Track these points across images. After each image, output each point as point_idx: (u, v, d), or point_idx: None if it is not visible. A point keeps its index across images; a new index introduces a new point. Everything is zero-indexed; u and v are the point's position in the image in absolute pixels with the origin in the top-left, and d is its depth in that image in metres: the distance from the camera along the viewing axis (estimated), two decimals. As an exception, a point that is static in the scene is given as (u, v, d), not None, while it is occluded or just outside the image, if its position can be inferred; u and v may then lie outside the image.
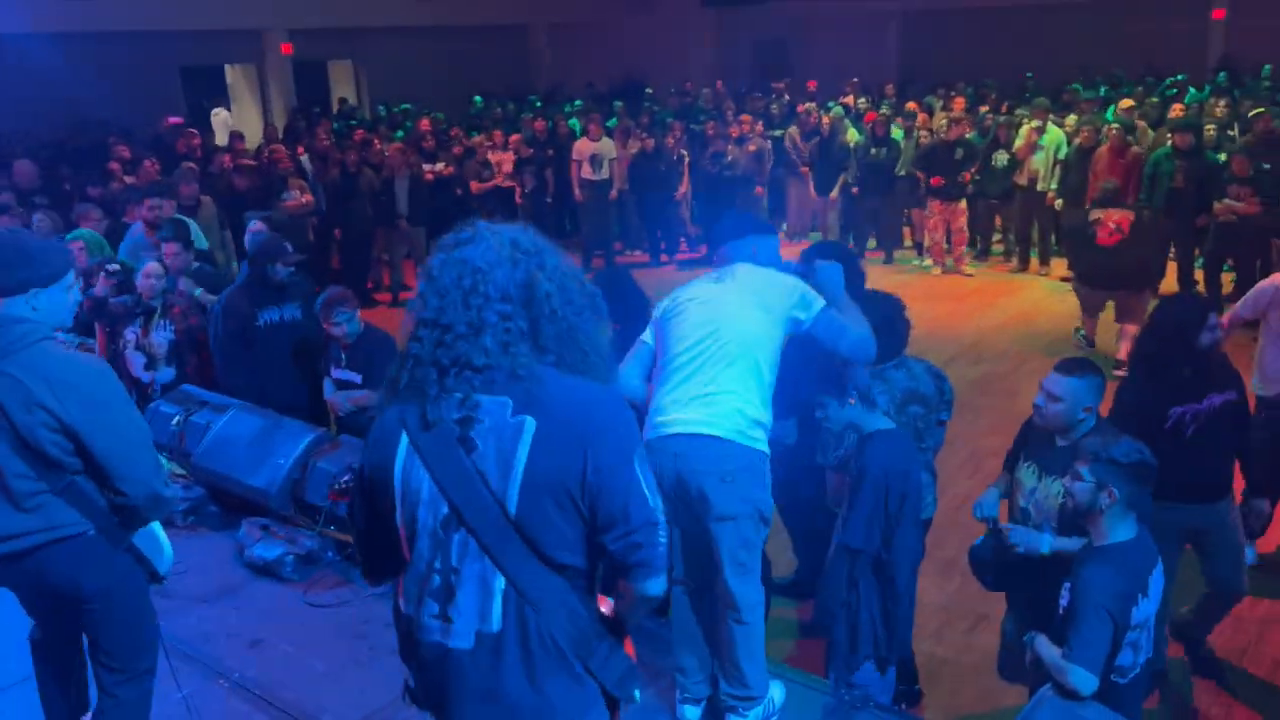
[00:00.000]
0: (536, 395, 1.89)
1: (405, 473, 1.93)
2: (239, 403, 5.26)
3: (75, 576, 2.79)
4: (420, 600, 1.96)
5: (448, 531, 1.91)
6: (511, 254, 1.94)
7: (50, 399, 2.60)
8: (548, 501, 1.87)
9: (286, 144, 12.23)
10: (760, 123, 13.07)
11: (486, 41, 19.35)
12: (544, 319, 1.94)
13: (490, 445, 1.87)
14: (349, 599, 4.27)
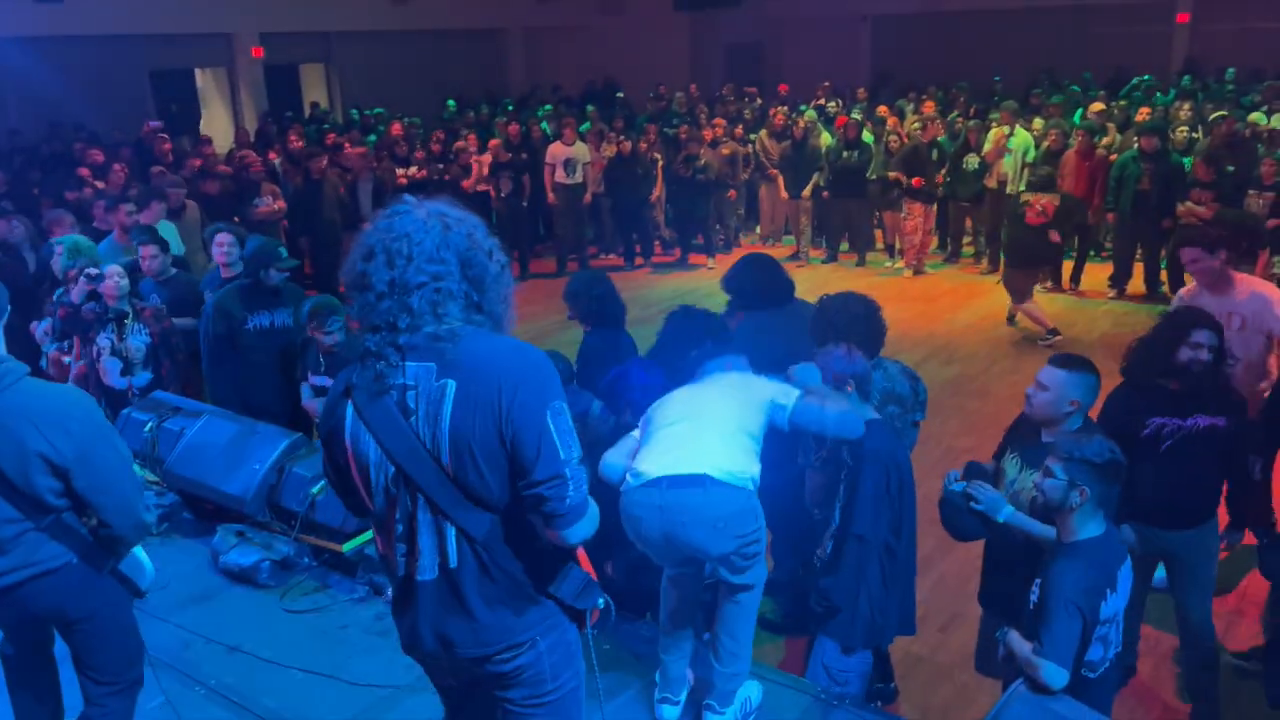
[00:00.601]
0: (456, 357, 2.02)
1: (354, 438, 2.11)
2: (212, 409, 5.24)
3: (60, 605, 2.77)
4: (390, 542, 2.17)
5: (398, 488, 2.08)
6: (442, 221, 2.06)
7: (41, 443, 2.55)
8: (475, 454, 2.01)
9: (258, 149, 12.16)
10: (740, 126, 13.14)
11: (460, 45, 19.30)
12: (487, 281, 2.09)
13: (422, 408, 2.02)
14: (326, 604, 4.26)
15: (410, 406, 2.03)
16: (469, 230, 2.11)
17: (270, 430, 4.96)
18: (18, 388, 2.60)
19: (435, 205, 2.12)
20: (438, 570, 2.13)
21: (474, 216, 2.15)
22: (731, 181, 12.13)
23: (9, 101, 13.37)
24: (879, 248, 12.13)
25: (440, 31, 18.61)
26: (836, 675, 3.46)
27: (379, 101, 16.35)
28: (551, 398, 2.05)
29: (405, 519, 2.11)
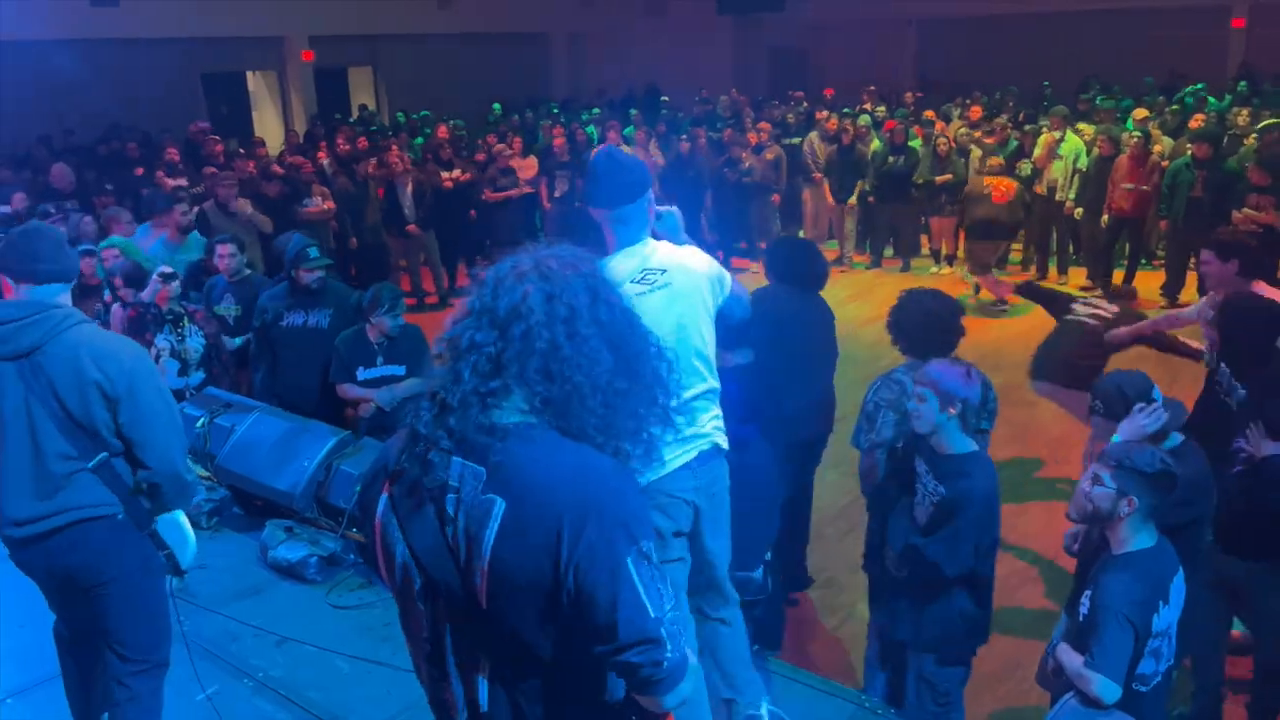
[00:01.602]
0: (510, 468, 1.54)
1: (384, 527, 1.67)
2: (263, 406, 5.32)
3: (100, 557, 2.86)
4: (417, 654, 1.73)
5: (425, 601, 1.65)
6: (524, 271, 1.60)
7: (97, 372, 2.71)
8: (518, 601, 1.55)
9: (306, 150, 12.34)
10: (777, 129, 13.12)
11: (505, 49, 19.45)
12: (553, 354, 1.56)
13: (461, 522, 1.56)
14: (372, 601, 4.31)
15: (449, 514, 1.57)
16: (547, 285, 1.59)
17: (319, 428, 5.03)
18: (79, 329, 2.78)
19: (554, 251, 1.66)
20: (466, 712, 1.67)
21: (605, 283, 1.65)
22: (775, 185, 12.10)
23: (67, 103, 13.68)
24: (924, 253, 12.03)
25: (485, 35, 18.78)
26: (938, 685, 3.45)
27: (425, 105, 16.52)
28: (637, 538, 1.54)
29: (434, 637, 1.66)
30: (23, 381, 2.72)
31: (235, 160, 10.78)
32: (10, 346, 2.71)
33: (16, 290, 2.81)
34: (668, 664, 1.56)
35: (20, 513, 2.77)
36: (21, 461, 2.75)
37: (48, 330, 2.72)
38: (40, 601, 3.16)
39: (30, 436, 2.74)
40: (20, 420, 2.73)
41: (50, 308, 2.77)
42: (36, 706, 3.65)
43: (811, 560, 5.30)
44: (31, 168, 11.01)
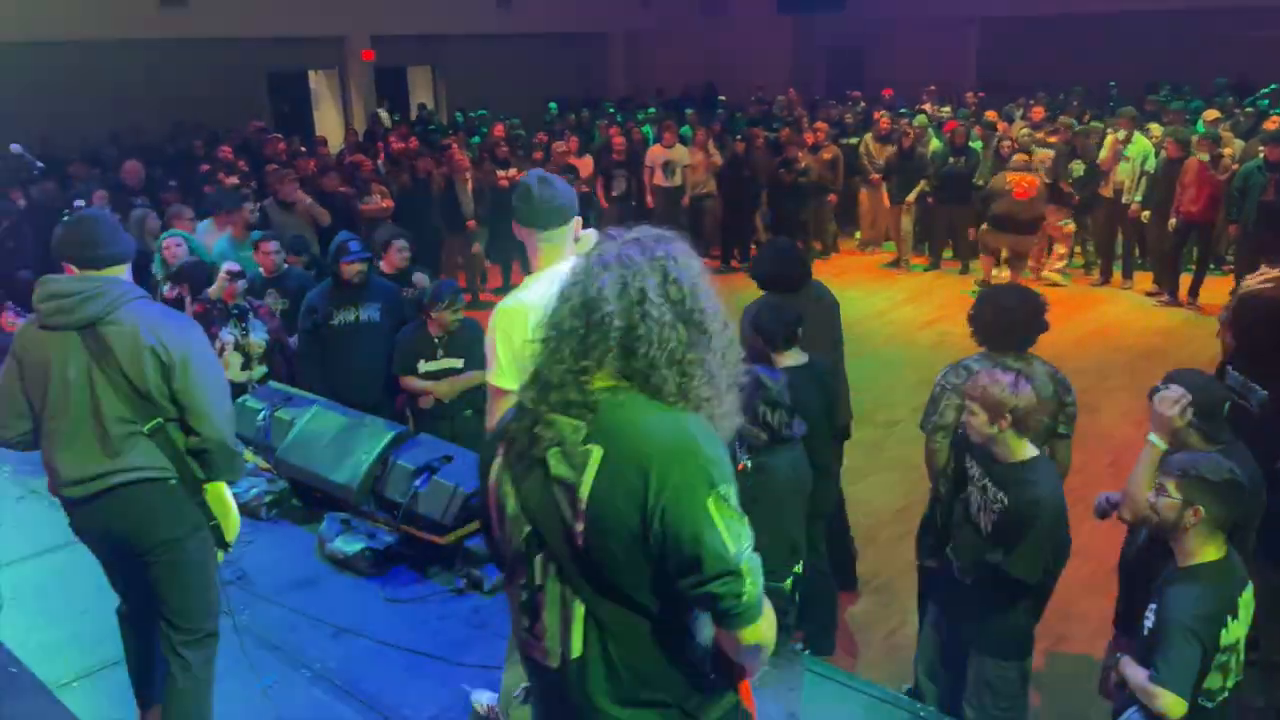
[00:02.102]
0: (607, 423, 1.73)
1: (499, 484, 1.88)
2: (322, 400, 5.40)
3: (153, 518, 2.99)
4: (513, 608, 1.90)
5: (531, 550, 1.81)
6: (616, 258, 1.78)
7: (153, 339, 2.89)
8: (612, 539, 1.70)
9: (365, 149, 12.52)
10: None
11: (562, 48, 19.55)
12: (629, 334, 1.75)
13: (564, 470, 1.74)
14: (425, 595, 4.35)
15: (552, 468, 1.76)
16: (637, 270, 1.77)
17: (377, 422, 5.09)
18: (138, 302, 2.97)
19: (640, 236, 1.83)
20: (560, 658, 1.81)
21: (672, 251, 1.81)
22: (832, 186, 12.00)
23: (135, 101, 14.02)
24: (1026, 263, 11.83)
25: (543, 35, 18.90)
26: (1001, 689, 3.42)
27: (483, 104, 16.66)
28: (716, 481, 1.69)
29: (532, 587, 1.82)
30: (85, 349, 2.89)
31: (297, 158, 10.96)
32: (74, 317, 2.89)
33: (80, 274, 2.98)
34: (746, 598, 1.71)
35: (78, 472, 2.93)
36: (82, 424, 2.91)
37: (109, 303, 2.90)
38: (104, 588, 3.24)
39: (91, 400, 2.90)
40: (83, 385, 2.89)
41: (112, 282, 2.95)
42: (101, 689, 3.75)
43: (866, 564, 5.25)
44: (102, 165, 11.31)
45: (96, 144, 12.52)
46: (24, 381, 2.97)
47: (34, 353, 2.96)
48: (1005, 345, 3.79)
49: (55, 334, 2.92)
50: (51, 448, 2.99)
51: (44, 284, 2.96)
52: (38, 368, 2.94)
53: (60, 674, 3.85)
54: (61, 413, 2.93)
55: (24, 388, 2.98)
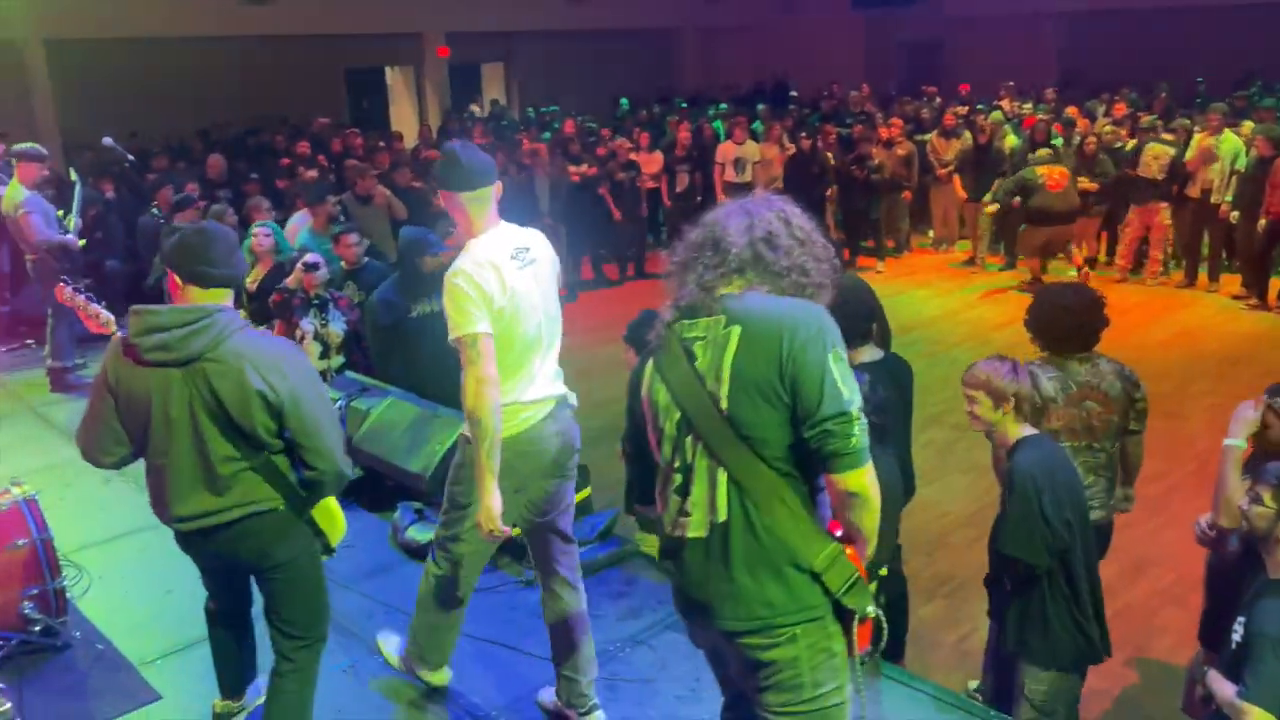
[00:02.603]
0: (742, 309, 2.18)
1: (650, 390, 2.30)
2: (398, 390, 5.49)
3: (265, 548, 2.96)
4: (668, 499, 2.28)
5: (681, 434, 2.22)
6: (743, 207, 2.29)
7: (260, 382, 2.75)
8: (754, 396, 2.11)
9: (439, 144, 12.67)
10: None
11: (634, 45, 19.58)
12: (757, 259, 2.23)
13: (708, 355, 2.18)
14: (495, 585, 4.40)
15: (696, 355, 2.20)
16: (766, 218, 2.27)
17: (451, 414, 5.15)
18: (241, 334, 2.82)
19: (750, 201, 2.33)
20: (708, 526, 2.19)
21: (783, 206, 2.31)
22: (906, 183, 11.83)
23: (220, 96, 14.40)
24: (1063, 256, 11.56)
25: (615, 31, 18.93)
26: (1037, 701, 3.35)
27: (554, 99, 16.76)
28: (833, 344, 2.13)
29: (684, 469, 2.23)
30: (189, 386, 2.77)
31: (374, 153, 11.15)
32: (177, 353, 2.75)
33: (183, 291, 2.84)
34: (855, 440, 2.08)
35: (186, 510, 2.87)
36: (187, 463, 2.82)
37: (213, 338, 2.76)
38: (188, 570, 3.33)
39: (195, 438, 2.80)
40: (186, 423, 2.79)
41: (215, 313, 2.79)
42: (184, 668, 3.86)
43: (938, 568, 5.18)
44: (187, 159, 11.64)
45: (183, 138, 12.89)
46: (120, 412, 2.86)
47: (131, 387, 2.82)
48: (1069, 347, 3.72)
49: (155, 370, 2.78)
50: (156, 484, 2.92)
51: (142, 316, 2.79)
52: (136, 403, 2.82)
53: (145, 652, 3.97)
54: (164, 451, 2.84)
55: (120, 418, 2.87)
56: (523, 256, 3.12)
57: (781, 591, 2.14)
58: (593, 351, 6.58)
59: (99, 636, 4.04)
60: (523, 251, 3.13)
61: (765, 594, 2.15)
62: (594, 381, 5.48)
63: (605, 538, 4.59)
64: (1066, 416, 3.72)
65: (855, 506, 2.15)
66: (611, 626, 4.05)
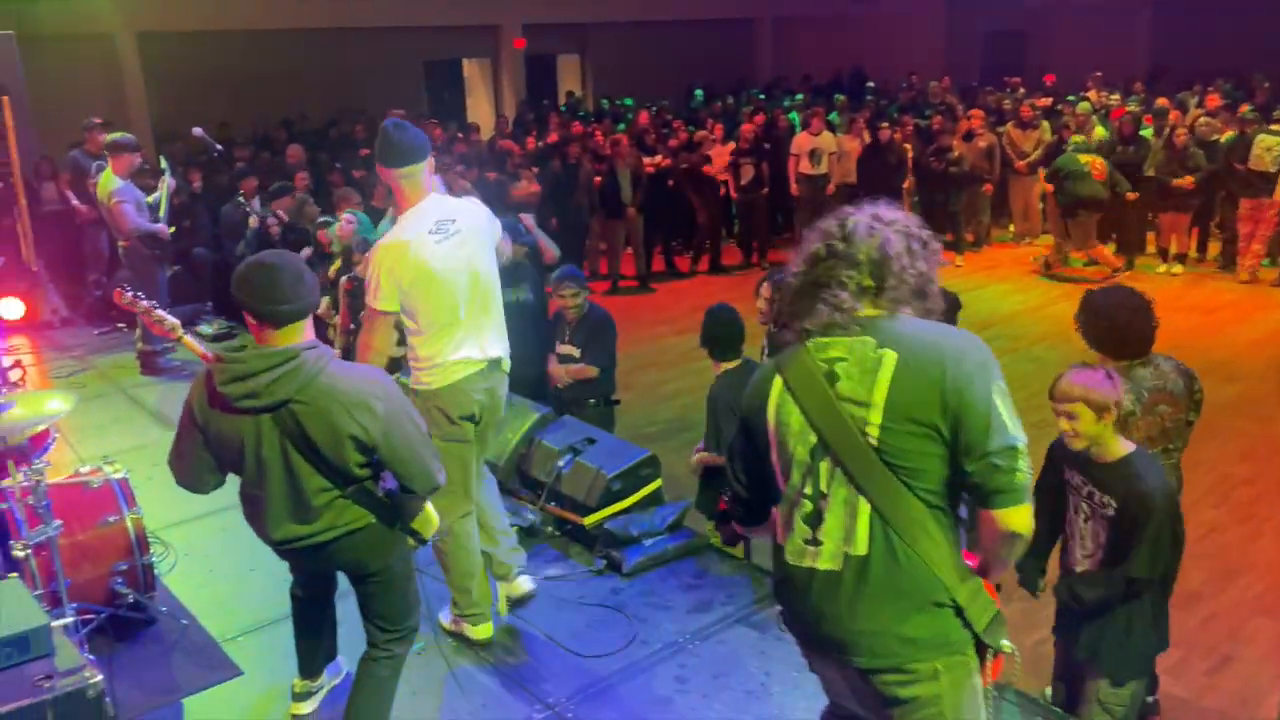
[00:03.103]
0: (893, 334, 2.07)
1: (779, 410, 2.15)
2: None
3: (360, 559, 3.01)
4: (793, 527, 2.14)
5: (816, 459, 2.09)
6: (870, 223, 2.15)
7: (353, 425, 2.73)
8: (908, 428, 2.00)
9: (515, 136, 12.79)
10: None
11: (709, 35, 19.48)
12: (891, 276, 2.11)
13: (854, 379, 2.05)
14: (567, 574, 4.43)
15: (838, 375, 2.07)
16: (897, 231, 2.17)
17: (523, 403, 5.20)
18: (328, 371, 2.76)
19: (872, 208, 2.22)
20: (842, 559, 2.06)
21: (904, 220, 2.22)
22: (987, 175, 11.58)
23: (303, 87, 14.73)
24: (1150, 251, 11.21)
25: (691, 21, 18.86)
26: (1115, 711, 3.27)
27: (629, 91, 16.78)
28: (996, 374, 2.04)
29: (816, 497, 2.09)
30: (278, 428, 2.76)
31: (452, 144, 11.30)
32: (266, 399, 2.72)
33: (260, 330, 2.76)
34: (1020, 476, 1.99)
35: (281, 535, 2.92)
36: (280, 494, 2.85)
37: (301, 381, 2.72)
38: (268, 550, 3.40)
39: (287, 474, 2.81)
40: (277, 462, 2.78)
41: (299, 353, 2.74)
42: (265, 645, 3.96)
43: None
44: (270, 149, 11.93)
45: (267, 129, 13.21)
46: (210, 446, 2.87)
47: (220, 428, 2.81)
48: (1131, 353, 3.59)
49: (244, 416, 2.76)
50: (251, 510, 2.95)
51: (227, 366, 2.75)
52: (228, 443, 2.82)
53: (227, 628, 4.09)
54: (257, 485, 2.85)
55: (211, 450, 2.88)
56: (445, 229, 3.39)
57: (925, 627, 2.04)
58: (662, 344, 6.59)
59: (184, 612, 4.17)
60: (446, 224, 3.39)
61: (907, 630, 2.04)
62: (663, 373, 5.48)
63: (675, 530, 4.59)
64: (1145, 425, 3.60)
65: (1011, 544, 2.05)
66: (682, 619, 4.04)
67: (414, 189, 3.40)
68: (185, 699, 3.67)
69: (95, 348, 8.33)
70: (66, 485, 4.00)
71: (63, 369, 7.72)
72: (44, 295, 8.89)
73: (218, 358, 2.82)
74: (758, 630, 3.93)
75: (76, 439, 5.95)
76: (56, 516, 3.59)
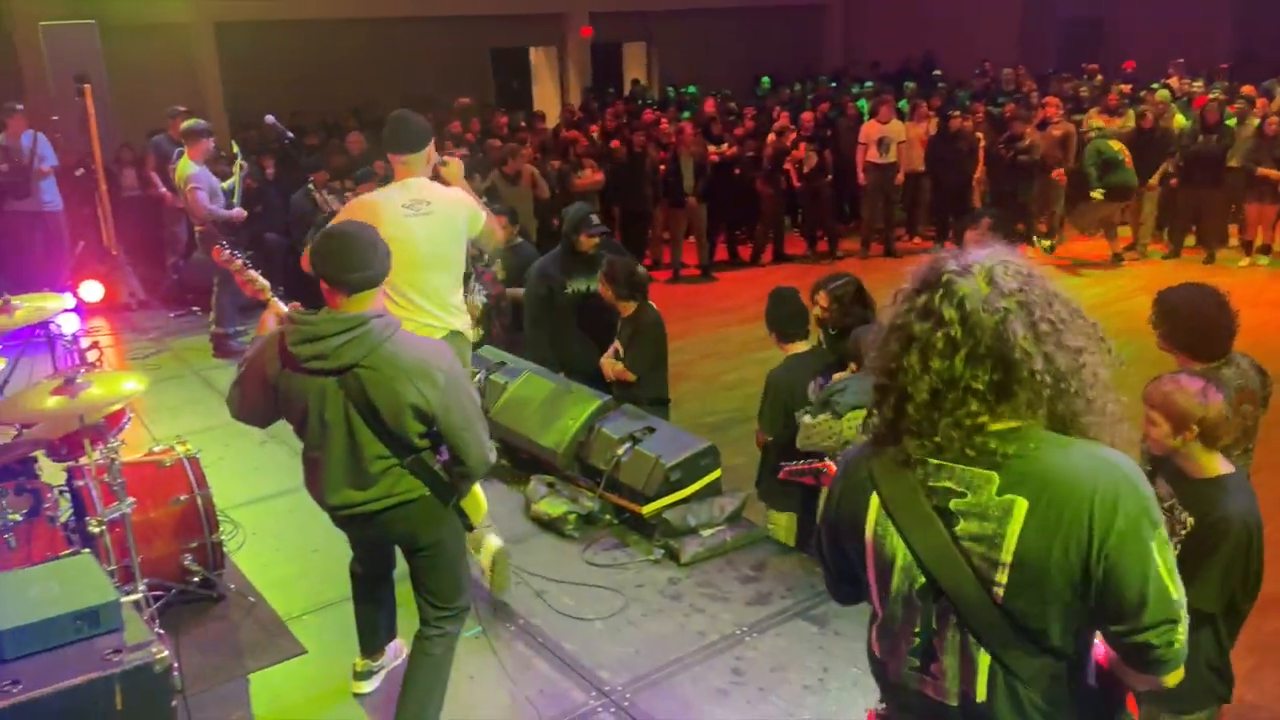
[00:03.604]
0: (1023, 469, 1.65)
1: (878, 536, 1.78)
2: (534, 366, 5.58)
3: (414, 531, 3.10)
4: (898, 652, 1.83)
5: (925, 601, 1.76)
6: (989, 296, 1.65)
7: (414, 393, 2.84)
8: (1041, 590, 1.65)
9: (580, 124, 12.79)
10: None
11: (777, 22, 19.24)
12: (1018, 383, 1.65)
13: (973, 523, 1.67)
14: (624, 562, 4.43)
15: (956, 517, 1.69)
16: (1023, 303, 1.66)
17: (584, 390, 5.21)
18: (394, 339, 2.87)
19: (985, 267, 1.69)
20: (959, 697, 1.77)
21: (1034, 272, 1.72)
22: (1061, 165, 11.26)
23: (371, 76, 14.91)
24: (1233, 244, 10.82)
25: (758, 8, 18.66)
26: None
27: (696, 79, 16.68)
28: (1157, 522, 1.64)
29: (926, 634, 1.78)
30: (343, 391, 2.86)
31: (518, 133, 11.34)
32: (333, 362, 2.83)
33: (333, 296, 2.91)
34: (1178, 645, 1.68)
35: (338, 500, 3.02)
36: (341, 459, 2.95)
37: (367, 347, 2.82)
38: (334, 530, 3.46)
39: (349, 439, 2.91)
40: (340, 425, 2.91)
41: (368, 320, 2.85)
42: (328, 624, 4.03)
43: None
44: (340, 137, 12.09)
45: (337, 117, 13.40)
46: (279, 403, 3.00)
47: (288, 386, 2.94)
48: (1213, 353, 3.43)
49: (311, 376, 2.88)
50: (311, 474, 3.05)
51: (299, 325, 2.89)
52: (294, 402, 2.95)
53: (291, 607, 4.17)
54: (319, 447, 2.96)
55: (277, 405, 3.01)
56: (418, 208, 3.94)
57: None
58: (724, 332, 6.53)
59: (251, 590, 4.26)
60: (420, 204, 3.95)
61: None
62: (724, 363, 5.44)
63: (734, 521, 4.55)
64: (1231, 428, 3.46)
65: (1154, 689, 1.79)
66: (739, 610, 4.02)
67: (408, 173, 4.01)
68: (251, 674, 3.75)
69: (170, 330, 8.56)
70: (140, 464, 4.12)
71: (139, 351, 7.94)
72: (123, 279, 9.15)
73: (291, 319, 2.95)
74: (817, 625, 3.89)
75: (150, 419, 6.12)
76: (130, 494, 3.69)
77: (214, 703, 3.54)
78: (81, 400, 3.53)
